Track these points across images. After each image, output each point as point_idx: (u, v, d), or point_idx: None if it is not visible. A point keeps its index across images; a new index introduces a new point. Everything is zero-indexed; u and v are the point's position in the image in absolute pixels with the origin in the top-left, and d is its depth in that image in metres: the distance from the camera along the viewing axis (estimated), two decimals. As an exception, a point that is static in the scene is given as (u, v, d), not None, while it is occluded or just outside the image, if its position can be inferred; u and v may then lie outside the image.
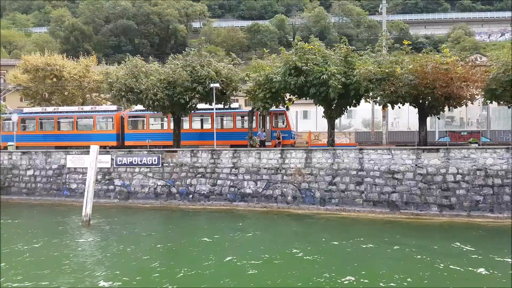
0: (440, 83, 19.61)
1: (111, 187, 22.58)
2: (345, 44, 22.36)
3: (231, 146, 26.95)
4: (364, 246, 14.29)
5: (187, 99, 23.84)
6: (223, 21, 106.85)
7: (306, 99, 24.39)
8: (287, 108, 25.80)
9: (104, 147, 29.47)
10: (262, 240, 15.44)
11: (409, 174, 19.12)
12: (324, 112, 24.07)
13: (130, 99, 24.03)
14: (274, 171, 20.75)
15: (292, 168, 20.43)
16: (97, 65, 44.19)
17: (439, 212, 18.66)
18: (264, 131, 27.70)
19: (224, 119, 30.08)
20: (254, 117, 27.26)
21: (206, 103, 25.96)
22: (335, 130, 37.41)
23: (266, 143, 27.11)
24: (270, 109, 24.83)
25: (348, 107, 23.90)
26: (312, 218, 18.92)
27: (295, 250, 13.66)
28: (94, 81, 40.06)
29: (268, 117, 28.75)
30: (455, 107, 22.14)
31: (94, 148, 17.92)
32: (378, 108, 32.87)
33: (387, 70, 20.81)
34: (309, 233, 16.49)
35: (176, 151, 22.62)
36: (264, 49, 25.97)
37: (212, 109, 29.20)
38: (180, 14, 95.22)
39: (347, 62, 22.09)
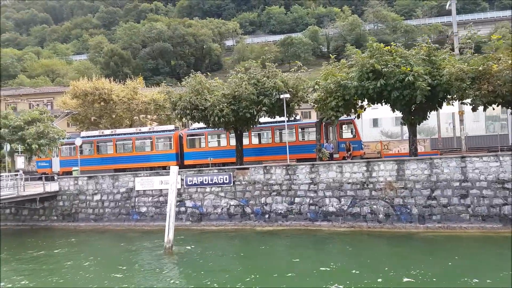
0: (548, 78, 17.26)
1: (182, 208, 21.35)
2: (427, 43, 20.43)
3: (297, 160, 25.41)
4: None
5: (254, 113, 22.60)
6: (254, 37, 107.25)
7: (382, 104, 22.52)
8: (358, 116, 23.96)
9: (164, 167, 28.74)
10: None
11: (523, 182, 16.65)
12: (403, 118, 22.08)
13: (195, 116, 23.08)
14: (360, 186, 18.77)
15: (382, 182, 18.39)
16: (143, 87, 44.31)
17: None
18: (331, 143, 25.89)
19: (284, 132, 28.62)
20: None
21: (270, 117, 24.60)
22: (391, 139, 35.17)
23: (334, 155, 25.32)
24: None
25: (430, 111, 21.73)
26: (419, 238, 16.63)
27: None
28: (143, 103, 40.04)
29: (331, 127, 27.05)
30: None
31: (174, 169, 16.75)
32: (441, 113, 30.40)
33: (480, 68, 18.66)
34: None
35: (247, 168, 21.19)
36: (330, 55, 24.40)
37: (272, 122, 27.96)
38: (214, 34, 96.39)
39: (430, 62, 20.11)
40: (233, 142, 28.45)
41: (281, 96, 21.43)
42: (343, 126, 26.63)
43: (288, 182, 20.10)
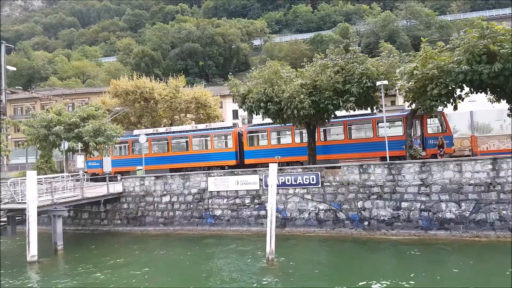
0: None
1: (262, 212, 18.86)
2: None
3: (381, 159, 22.67)
4: None
5: (338, 104, 20.00)
6: (282, 36, 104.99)
7: (487, 93, 19.60)
8: (455, 108, 21.04)
9: (222, 167, 26.49)
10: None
11: None
12: (510, 109, 19.23)
13: (269, 109, 20.66)
14: (484, 188, 15.87)
15: (512, 182, 15.51)
16: (184, 85, 42.47)
17: None
18: (417, 138, 23.01)
19: (353, 127, 25.99)
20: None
21: (354, 109, 21.83)
22: (469, 135, 31.95)
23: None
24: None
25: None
26: None
27: None
28: (185, 101, 38.29)
29: (413, 121, 24.18)
30: None
31: (274, 166, 14.31)
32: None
33: None
34: None
35: (339, 167, 18.55)
36: (422, 38, 21.57)
37: (344, 116, 25.28)
38: (242, 33, 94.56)
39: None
40: (298, 139, 26.09)
41: (377, 83, 18.76)
42: (429, 119, 23.75)
43: (391, 184, 17.34)
